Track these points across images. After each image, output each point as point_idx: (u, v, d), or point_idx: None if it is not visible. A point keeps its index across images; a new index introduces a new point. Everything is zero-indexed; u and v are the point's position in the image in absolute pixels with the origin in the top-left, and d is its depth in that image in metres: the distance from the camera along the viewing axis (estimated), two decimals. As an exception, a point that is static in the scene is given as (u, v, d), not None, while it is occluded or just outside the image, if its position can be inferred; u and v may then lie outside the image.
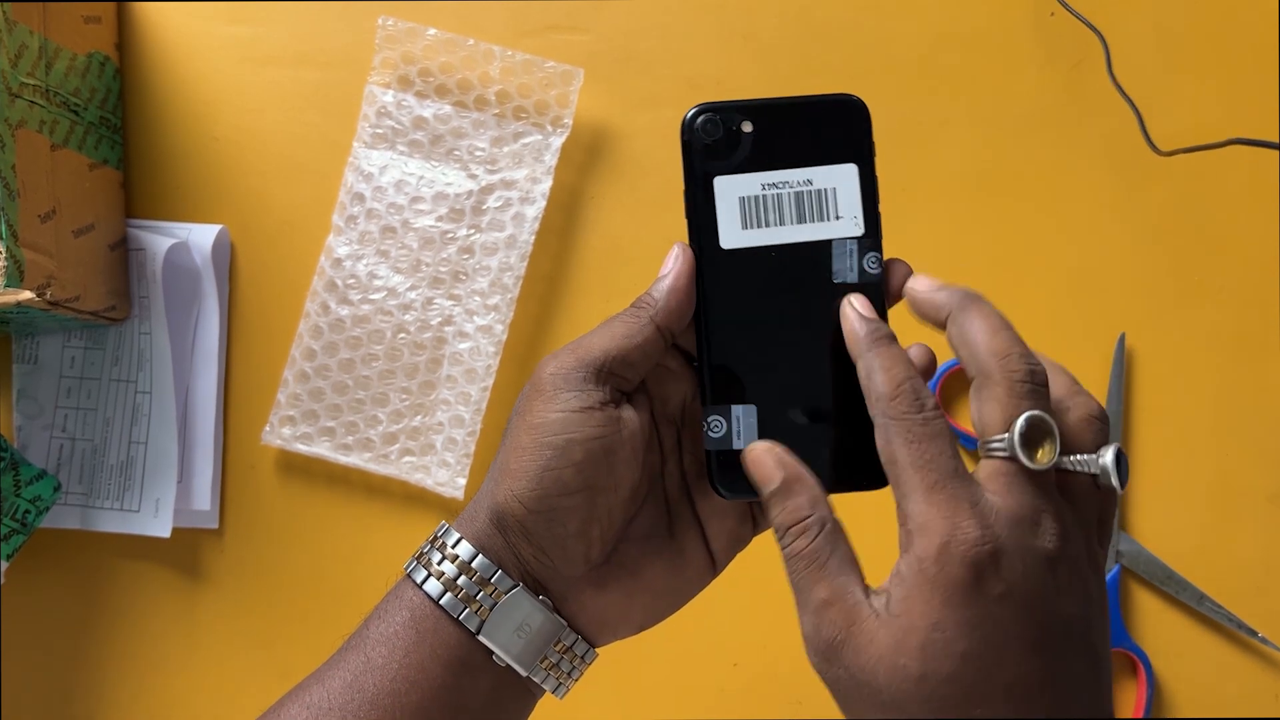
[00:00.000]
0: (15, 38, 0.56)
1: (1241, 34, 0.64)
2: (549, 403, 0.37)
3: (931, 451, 0.34)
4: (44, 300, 0.55)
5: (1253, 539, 0.62)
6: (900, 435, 0.34)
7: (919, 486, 0.34)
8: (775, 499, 0.36)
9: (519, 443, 0.38)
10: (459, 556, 0.38)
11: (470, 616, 0.37)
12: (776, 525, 0.36)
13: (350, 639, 0.39)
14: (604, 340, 0.38)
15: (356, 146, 0.64)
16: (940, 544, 0.33)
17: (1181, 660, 0.62)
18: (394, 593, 0.39)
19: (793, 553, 0.35)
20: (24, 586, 0.65)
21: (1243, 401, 0.63)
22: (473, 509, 0.39)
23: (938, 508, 0.33)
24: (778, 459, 0.37)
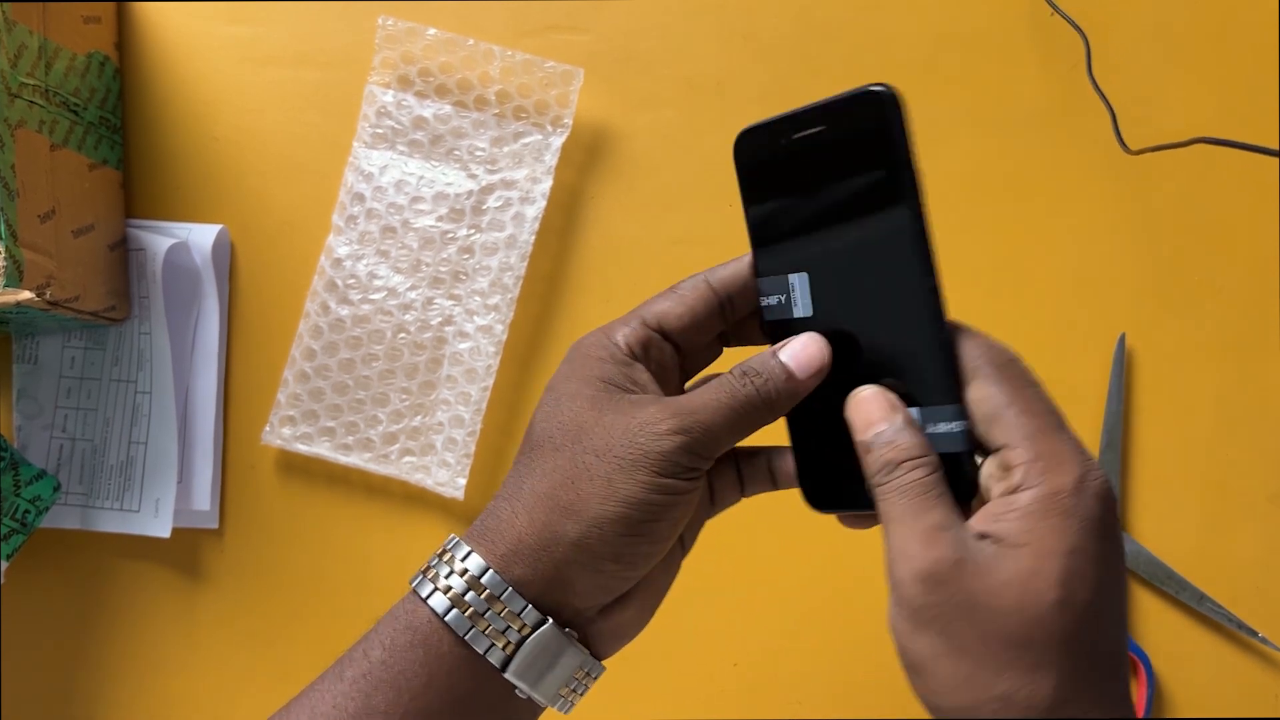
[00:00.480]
0: (15, 38, 0.56)
1: (1231, 36, 0.64)
2: (664, 472, 0.36)
3: (1044, 399, 0.35)
4: (43, 300, 0.55)
5: (1253, 539, 0.62)
6: (1015, 379, 0.35)
7: (1044, 427, 0.34)
8: (889, 435, 0.35)
9: (618, 492, 0.36)
10: (486, 589, 0.36)
11: (494, 651, 0.36)
12: (888, 459, 0.35)
13: (348, 663, 0.37)
14: (727, 423, 0.37)
15: (356, 146, 0.64)
16: (1078, 476, 0.33)
17: (1181, 660, 0.62)
18: (402, 616, 0.37)
19: (906, 481, 0.35)
20: (24, 586, 0.65)
21: (1243, 401, 0.63)
22: (509, 535, 0.37)
23: (1068, 445, 0.33)
24: (890, 401, 0.36)
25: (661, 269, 0.64)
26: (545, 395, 0.39)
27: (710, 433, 0.37)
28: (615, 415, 0.37)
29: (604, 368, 0.38)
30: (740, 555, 0.62)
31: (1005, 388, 0.35)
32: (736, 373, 0.38)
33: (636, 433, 0.36)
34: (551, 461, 0.37)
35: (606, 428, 0.37)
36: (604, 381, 0.38)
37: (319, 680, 0.37)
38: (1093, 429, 0.62)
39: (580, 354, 0.39)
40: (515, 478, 0.38)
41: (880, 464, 0.35)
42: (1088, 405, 0.63)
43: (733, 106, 0.65)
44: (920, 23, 0.65)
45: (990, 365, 0.35)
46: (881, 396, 0.36)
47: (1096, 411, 0.62)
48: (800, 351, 0.38)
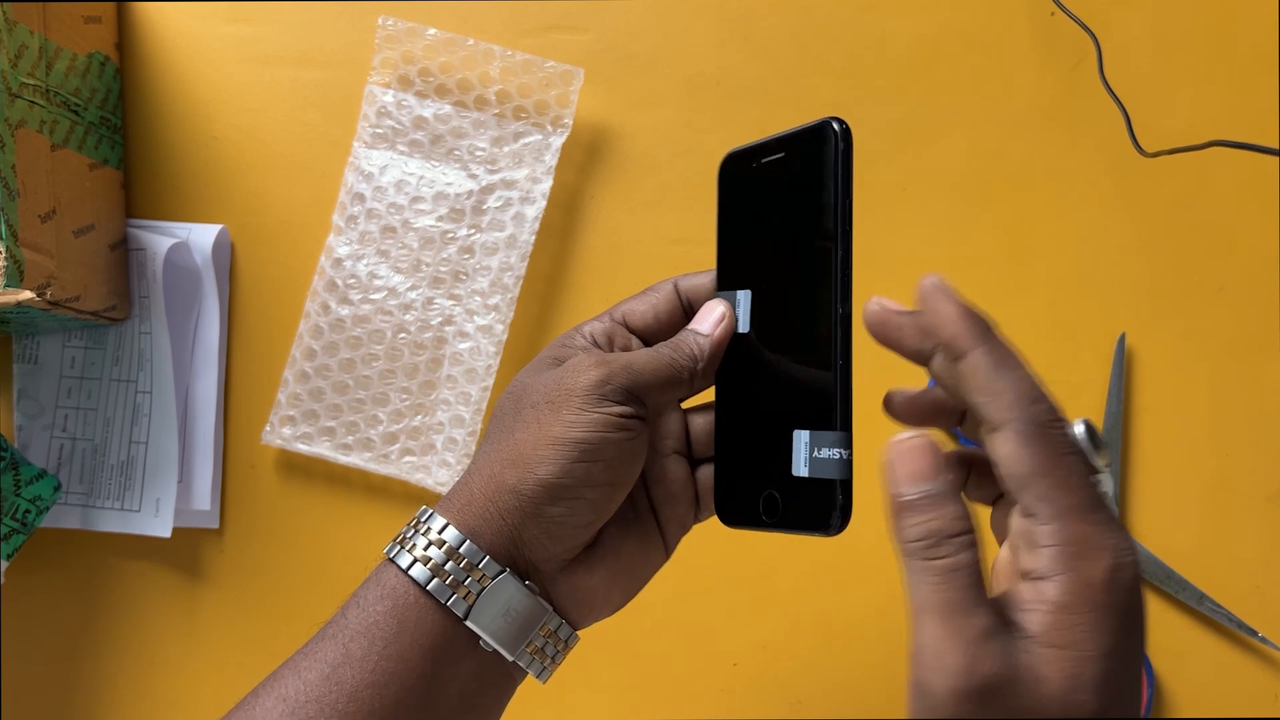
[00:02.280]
0: (15, 38, 0.56)
1: (1238, 36, 0.64)
2: (587, 405, 0.38)
3: (1080, 471, 0.32)
4: (44, 300, 0.55)
5: (1252, 539, 0.62)
6: (1051, 445, 0.32)
7: (1078, 506, 0.31)
8: (939, 500, 0.32)
9: (548, 433, 0.38)
10: (445, 541, 0.38)
11: (458, 602, 0.37)
12: (934, 530, 0.32)
13: (327, 626, 0.39)
14: (651, 369, 0.39)
15: (356, 146, 0.64)
16: (1110, 567, 0.31)
17: (1181, 660, 0.62)
18: (374, 579, 0.39)
19: (953, 566, 0.31)
20: (24, 586, 0.65)
21: (1243, 401, 0.63)
22: (464, 493, 0.39)
23: (1102, 529, 0.31)
24: (940, 458, 0.33)
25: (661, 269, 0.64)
26: (511, 387, 0.42)
27: (631, 370, 0.39)
28: (547, 376, 0.40)
29: (562, 351, 0.41)
30: (740, 555, 0.62)
31: (1039, 451, 0.32)
32: (670, 344, 0.41)
33: (562, 376, 0.39)
34: (498, 425, 0.40)
35: (542, 382, 0.39)
36: (554, 360, 0.41)
37: (299, 650, 0.39)
38: (1093, 429, 0.62)
39: (552, 346, 0.42)
40: (478, 453, 0.41)
41: (921, 532, 0.32)
42: (1088, 405, 0.63)
43: (733, 106, 0.65)
44: (920, 22, 0.65)
45: (1026, 421, 0.32)
46: (930, 450, 0.33)
47: (1097, 411, 0.62)
48: (708, 316, 0.41)
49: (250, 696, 0.38)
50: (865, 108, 0.65)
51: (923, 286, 0.34)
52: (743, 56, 0.65)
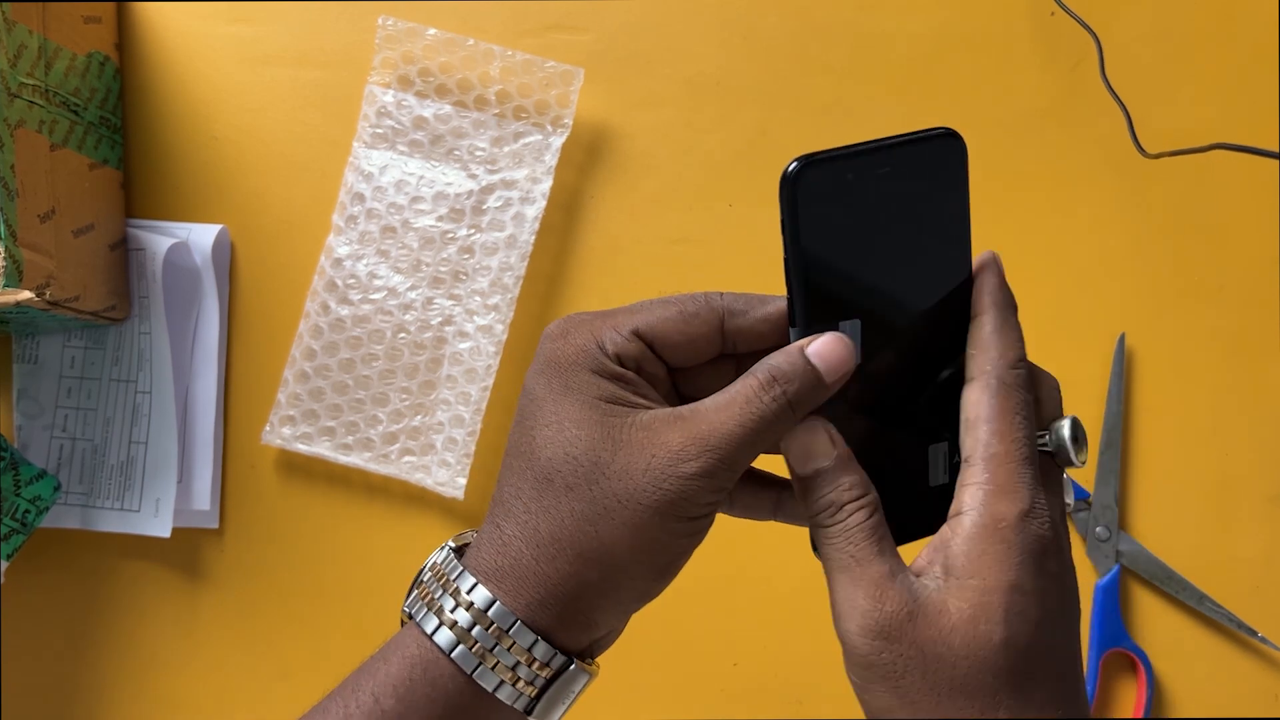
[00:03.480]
0: (14, 37, 0.56)
1: (1239, 37, 0.64)
2: (686, 519, 0.34)
3: (1023, 429, 0.34)
4: (43, 300, 0.55)
5: (1253, 539, 0.62)
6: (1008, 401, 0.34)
7: (1010, 454, 0.33)
8: (831, 474, 0.34)
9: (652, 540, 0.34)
10: (535, 659, 0.34)
11: (521, 699, 0.35)
12: (830, 501, 0.34)
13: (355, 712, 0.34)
14: (750, 444, 0.34)
15: (356, 146, 0.64)
16: (1023, 509, 0.33)
17: (1181, 660, 0.62)
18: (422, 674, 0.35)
19: (850, 526, 0.34)
20: (24, 586, 0.65)
21: (1243, 401, 0.63)
22: (534, 584, 0.34)
23: (1023, 478, 0.33)
24: (830, 435, 0.35)
25: (661, 269, 0.64)
26: (536, 408, 0.36)
27: (738, 458, 0.34)
28: (635, 450, 0.34)
29: (600, 385, 0.35)
30: (741, 555, 0.62)
31: (993, 402, 0.34)
32: (762, 379, 0.34)
33: (659, 475, 0.33)
34: (568, 504, 0.34)
35: (626, 466, 0.34)
36: (607, 402, 0.35)
37: (319, 715, 0.35)
38: (1093, 429, 0.62)
39: (568, 362, 0.36)
40: (525, 514, 0.35)
41: (824, 504, 0.34)
42: (1088, 405, 0.63)
43: (733, 106, 0.65)
44: (920, 22, 0.65)
45: (997, 377, 0.34)
46: (821, 429, 0.35)
47: (1097, 411, 0.62)
48: (828, 352, 0.35)
49: None
50: (865, 108, 0.65)
51: (982, 257, 0.37)
52: (743, 56, 0.65)
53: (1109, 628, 0.61)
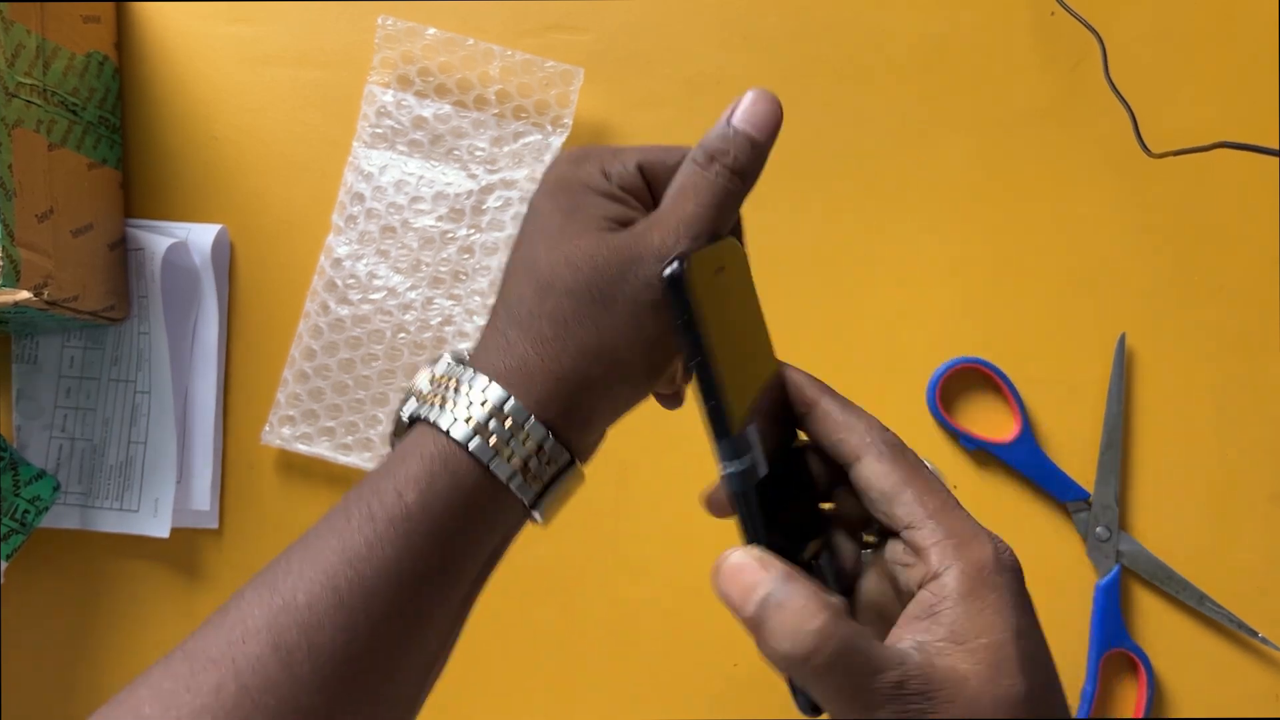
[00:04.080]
0: (13, 37, 0.56)
1: (1241, 36, 0.64)
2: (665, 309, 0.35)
3: (935, 477, 0.34)
4: (41, 300, 0.55)
5: (1254, 539, 0.62)
6: (908, 460, 0.34)
7: (945, 505, 0.33)
8: (780, 604, 0.32)
9: (649, 333, 0.35)
10: (530, 438, 0.35)
11: (528, 492, 0.35)
12: (792, 630, 0.32)
13: (379, 509, 0.34)
14: (716, 223, 0.36)
15: (356, 146, 0.63)
16: (993, 551, 0.32)
17: (1182, 660, 0.62)
18: (441, 466, 0.35)
19: (837, 653, 0.31)
20: (24, 586, 0.65)
21: (1243, 401, 0.63)
22: (542, 377, 0.35)
23: (970, 520, 0.33)
24: (758, 559, 0.34)
25: (661, 269, 0.64)
26: (541, 222, 0.37)
27: (706, 238, 0.36)
28: (626, 254, 0.36)
29: (605, 206, 0.37)
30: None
31: (899, 467, 0.34)
32: (701, 160, 0.37)
33: (649, 271, 0.35)
34: (570, 305, 0.36)
35: (620, 269, 0.35)
36: (608, 220, 0.37)
37: (341, 519, 0.34)
38: (1093, 429, 0.62)
39: (577, 185, 0.38)
40: (529, 318, 0.36)
41: (789, 644, 0.32)
42: (1088, 405, 0.63)
43: (733, 106, 0.64)
44: (919, 22, 0.64)
45: (882, 444, 0.35)
46: (748, 561, 0.34)
47: (1097, 411, 0.62)
48: (752, 112, 0.38)
49: (278, 571, 0.34)
50: (865, 108, 0.64)
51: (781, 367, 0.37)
52: (743, 56, 0.65)
53: (1109, 628, 0.61)
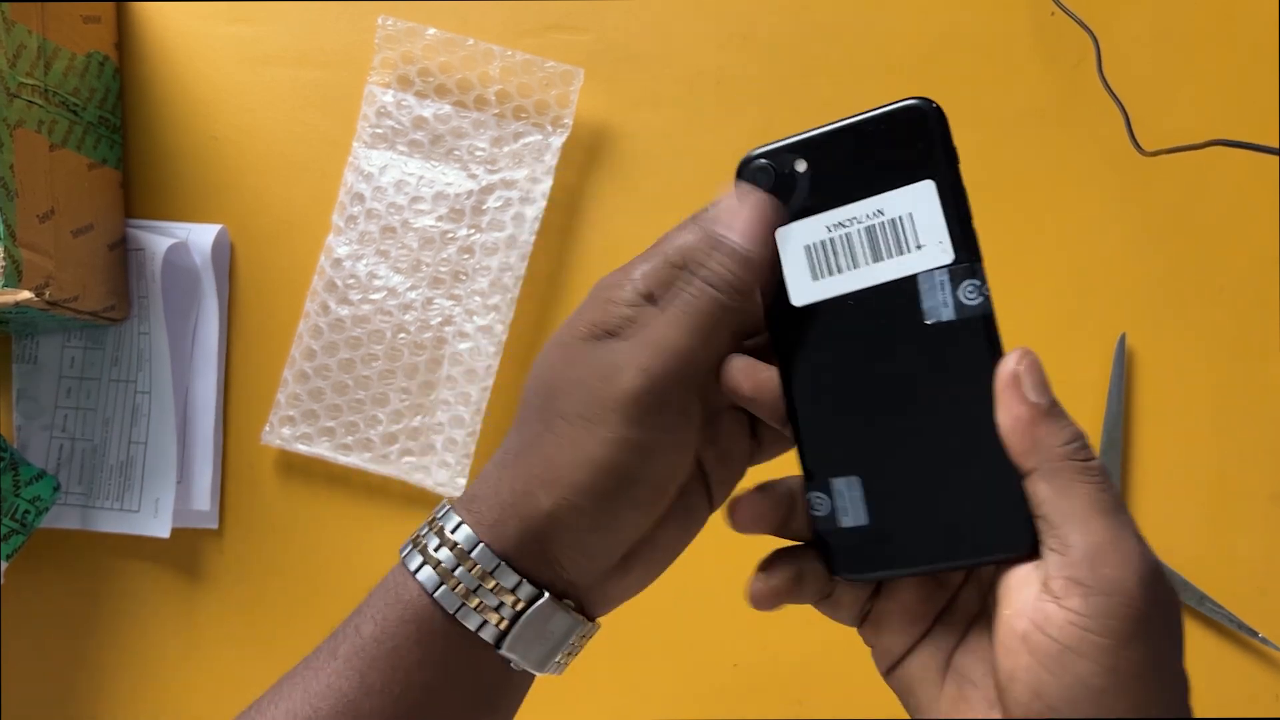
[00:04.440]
0: (14, 37, 0.56)
1: (1238, 35, 0.64)
2: (628, 424, 0.32)
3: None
4: (42, 300, 0.55)
5: (1254, 539, 0.62)
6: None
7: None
8: (1059, 414, 0.32)
9: (584, 454, 0.33)
10: (477, 564, 0.33)
11: (488, 628, 0.34)
12: (1078, 434, 0.32)
13: (338, 643, 0.35)
14: (688, 342, 0.33)
15: (356, 146, 0.64)
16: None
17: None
18: (393, 593, 0.35)
19: (1098, 468, 0.31)
20: (24, 586, 0.65)
21: (1243, 401, 0.63)
22: (493, 504, 0.34)
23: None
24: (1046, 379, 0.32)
25: (661, 269, 0.64)
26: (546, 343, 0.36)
27: (676, 358, 0.33)
28: (581, 367, 0.33)
29: (606, 310, 0.34)
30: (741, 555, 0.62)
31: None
32: (680, 272, 0.34)
33: (597, 384, 0.33)
34: (530, 425, 0.34)
35: (571, 382, 0.33)
36: (594, 325, 0.34)
37: (312, 657, 0.35)
38: (1093, 429, 0.62)
39: (593, 296, 0.35)
40: (506, 440, 0.35)
41: (1072, 434, 0.31)
42: (1088, 405, 0.63)
43: (733, 106, 0.65)
44: (919, 22, 0.64)
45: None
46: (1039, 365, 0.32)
47: (1097, 411, 0.62)
48: (730, 216, 0.34)
49: (253, 712, 0.35)
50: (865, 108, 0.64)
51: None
52: (743, 56, 0.65)
53: (1109, 628, 0.61)
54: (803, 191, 0.34)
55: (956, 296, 0.33)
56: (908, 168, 0.33)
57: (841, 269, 0.34)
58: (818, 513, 0.35)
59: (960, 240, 0.33)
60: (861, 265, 0.34)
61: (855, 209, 0.34)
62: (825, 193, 0.34)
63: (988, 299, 0.34)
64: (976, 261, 0.34)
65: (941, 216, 0.33)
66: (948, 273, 0.33)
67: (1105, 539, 0.30)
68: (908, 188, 0.33)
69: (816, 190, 0.34)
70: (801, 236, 0.34)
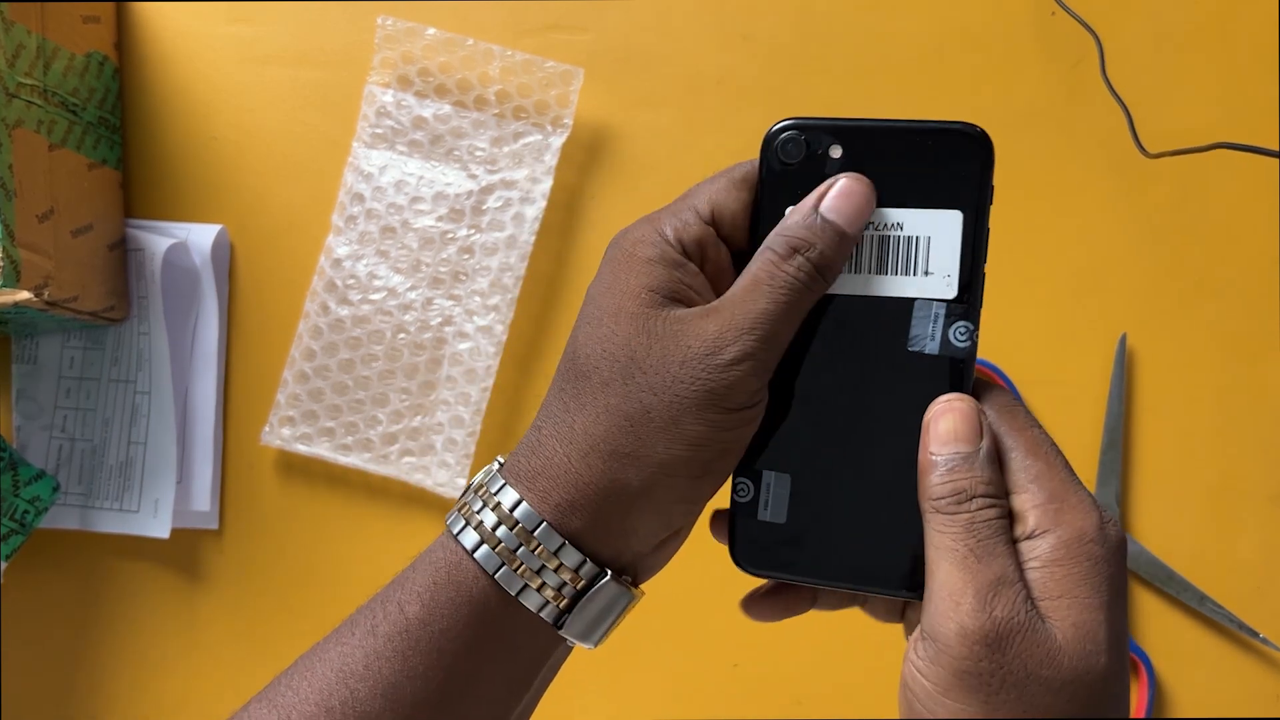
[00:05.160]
0: (13, 37, 0.56)
1: (1240, 36, 0.64)
2: (727, 415, 0.32)
3: (1046, 439, 0.32)
4: (41, 300, 0.55)
5: (1254, 539, 0.62)
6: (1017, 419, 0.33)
7: (1052, 468, 0.32)
8: (970, 462, 0.32)
9: (688, 433, 0.32)
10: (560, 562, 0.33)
11: (549, 609, 0.33)
12: (963, 489, 0.31)
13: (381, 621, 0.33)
14: (787, 323, 0.33)
15: (356, 146, 0.63)
16: (1098, 521, 0.31)
17: (1182, 661, 0.62)
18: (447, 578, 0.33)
19: (978, 520, 0.31)
20: (24, 586, 0.65)
21: (1244, 402, 0.63)
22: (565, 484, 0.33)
23: (1080, 489, 0.31)
24: (981, 424, 0.32)
25: (661, 269, 0.64)
26: (586, 307, 0.35)
27: (777, 340, 0.33)
28: (670, 343, 0.32)
29: (652, 272, 0.33)
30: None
31: (1006, 428, 0.32)
32: (781, 251, 0.33)
33: (697, 365, 0.32)
34: (603, 400, 0.33)
35: (662, 359, 0.32)
36: (652, 292, 0.33)
37: (344, 633, 0.33)
38: (1094, 429, 0.62)
39: (624, 254, 0.34)
40: (563, 412, 0.34)
41: (952, 490, 0.31)
42: (1089, 405, 0.63)
43: (733, 106, 0.64)
44: (919, 22, 0.64)
45: (990, 406, 0.33)
46: (975, 414, 0.32)
47: (1098, 412, 0.62)
48: (843, 201, 0.33)
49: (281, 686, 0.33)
50: (865, 108, 0.64)
51: None
52: (743, 56, 0.65)
53: (1110, 628, 0.61)
54: (827, 177, 0.33)
55: (946, 334, 0.33)
56: (942, 191, 0.33)
57: (842, 269, 0.34)
58: (740, 498, 0.35)
59: (968, 280, 0.33)
60: (864, 272, 0.33)
61: (876, 214, 0.33)
62: None
63: (975, 344, 0.33)
64: (976, 306, 0.33)
65: (959, 251, 0.33)
66: (945, 308, 0.33)
67: (946, 589, 0.31)
68: (936, 211, 0.33)
69: None
70: None
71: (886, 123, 0.33)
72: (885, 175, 0.33)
